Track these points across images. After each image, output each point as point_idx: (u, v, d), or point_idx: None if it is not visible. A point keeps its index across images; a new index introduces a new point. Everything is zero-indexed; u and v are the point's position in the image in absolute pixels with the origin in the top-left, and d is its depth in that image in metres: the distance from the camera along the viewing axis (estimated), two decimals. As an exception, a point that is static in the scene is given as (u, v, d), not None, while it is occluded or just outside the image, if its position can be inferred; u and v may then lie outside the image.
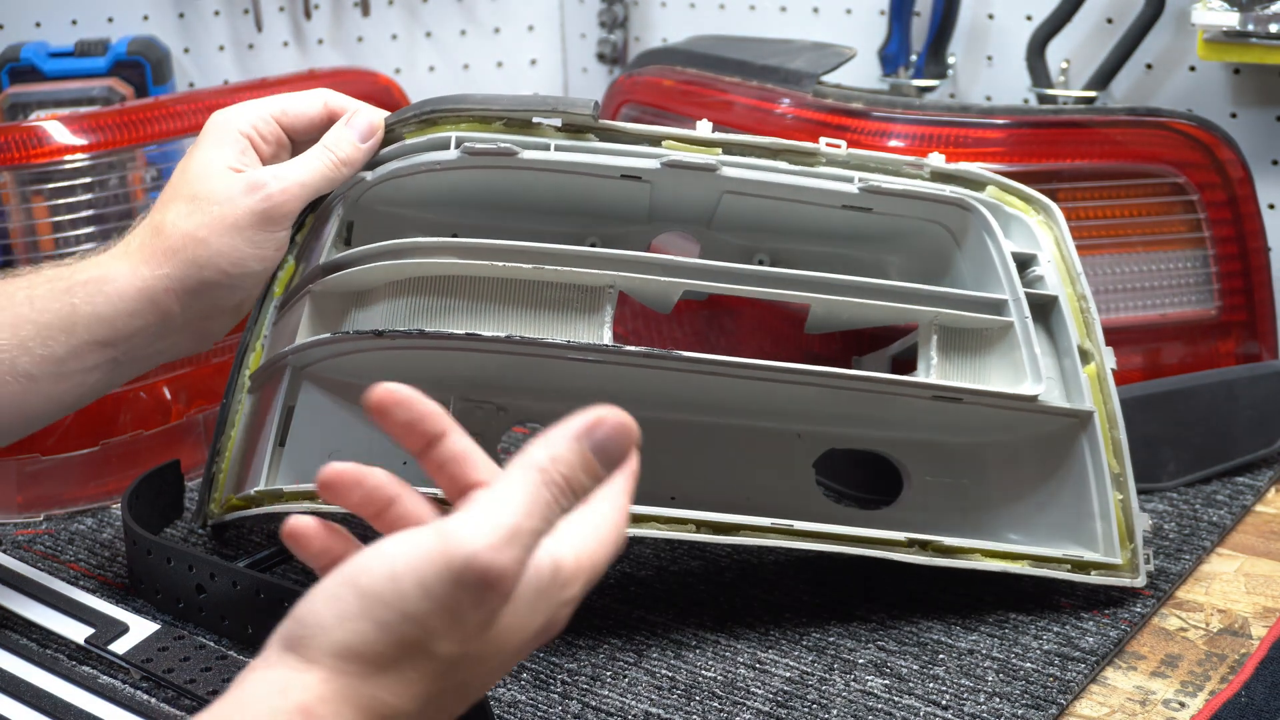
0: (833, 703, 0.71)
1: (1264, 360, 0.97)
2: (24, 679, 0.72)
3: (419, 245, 0.75)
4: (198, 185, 0.74)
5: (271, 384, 0.78)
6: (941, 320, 0.79)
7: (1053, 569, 0.78)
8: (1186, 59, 1.12)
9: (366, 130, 0.78)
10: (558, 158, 0.78)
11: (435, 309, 0.76)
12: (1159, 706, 0.71)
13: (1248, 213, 0.95)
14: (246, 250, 0.74)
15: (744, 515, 0.75)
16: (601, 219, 0.84)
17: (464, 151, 0.78)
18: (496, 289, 0.76)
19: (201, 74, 1.35)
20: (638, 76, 1.14)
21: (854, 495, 0.91)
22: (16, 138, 0.94)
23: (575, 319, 0.76)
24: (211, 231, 0.73)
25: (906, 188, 0.81)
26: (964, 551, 0.77)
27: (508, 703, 0.71)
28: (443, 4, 1.44)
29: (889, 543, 0.76)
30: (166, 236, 0.74)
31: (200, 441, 0.97)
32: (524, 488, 0.50)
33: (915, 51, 1.23)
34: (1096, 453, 0.78)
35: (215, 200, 0.73)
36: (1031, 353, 0.78)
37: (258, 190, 0.74)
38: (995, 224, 0.81)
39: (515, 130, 0.79)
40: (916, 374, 0.79)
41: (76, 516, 0.91)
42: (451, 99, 0.79)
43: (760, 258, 0.87)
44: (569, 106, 0.79)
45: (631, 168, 0.79)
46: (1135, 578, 0.78)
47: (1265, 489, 0.94)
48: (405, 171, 0.78)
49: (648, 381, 0.78)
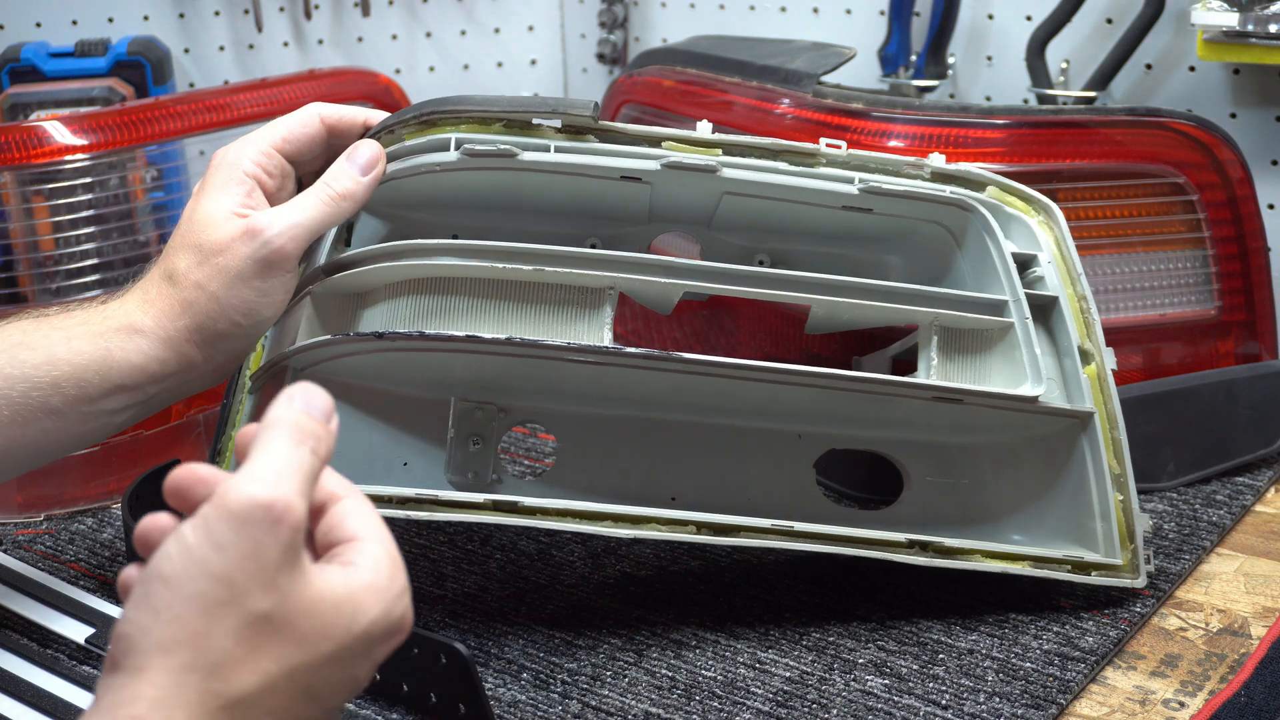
0: (833, 703, 0.71)
1: (1264, 360, 0.97)
2: (24, 679, 0.72)
3: (419, 247, 0.75)
4: (203, 234, 0.74)
5: (272, 384, 0.78)
6: (942, 321, 0.79)
7: (1053, 570, 0.78)
8: (1186, 59, 1.12)
9: (367, 163, 0.77)
10: (557, 159, 0.78)
11: (435, 310, 0.76)
12: (1159, 706, 0.71)
13: (1248, 213, 0.95)
14: (255, 300, 0.73)
15: (744, 516, 0.75)
16: (601, 220, 0.84)
17: (464, 153, 0.78)
18: (497, 290, 0.76)
19: (201, 74, 1.35)
20: (638, 77, 1.15)
21: (854, 495, 0.91)
22: (17, 138, 0.94)
23: (575, 320, 0.76)
24: (219, 285, 0.73)
25: (906, 188, 0.81)
26: (964, 552, 0.77)
27: (508, 702, 0.71)
28: (443, 4, 1.44)
29: (889, 543, 0.76)
30: (181, 287, 0.74)
31: (200, 441, 0.97)
32: (278, 439, 0.52)
33: (915, 52, 1.23)
34: (1097, 453, 0.78)
35: (218, 250, 0.73)
36: (1032, 353, 0.78)
37: (256, 237, 0.73)
38: (995, 224, 0.81)
39: (515, 131, 0.79)
40: (917, 375, 0.79)
41: (77, 516, 0.91)
42: (451, 100, 0.79)
43: (760, 258, 0.87)
44: (569, 107, 0.79)
45: (631, 169, 0.79)
46: (1136, 578, 0.78)
47: (1265, 489, 0.94)
48: (405, 173, 0.78)
49: (648, 383, 0.78)
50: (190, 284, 0.73)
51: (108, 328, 0.73)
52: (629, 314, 1.05)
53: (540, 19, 1.49)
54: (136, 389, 0.74)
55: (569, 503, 0.74)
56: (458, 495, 0.73)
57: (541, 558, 0.86)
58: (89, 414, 0.73)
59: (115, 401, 0.74)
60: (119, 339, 0.73)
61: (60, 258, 0.98)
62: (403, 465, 0.80)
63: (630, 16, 1.46)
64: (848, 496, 0.91)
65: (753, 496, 0.82)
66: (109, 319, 0.74)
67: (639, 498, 0.82)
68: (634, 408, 0.82)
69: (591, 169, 0.79)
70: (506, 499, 0.73)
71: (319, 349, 0.76)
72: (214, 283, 0.73)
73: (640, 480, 0.82)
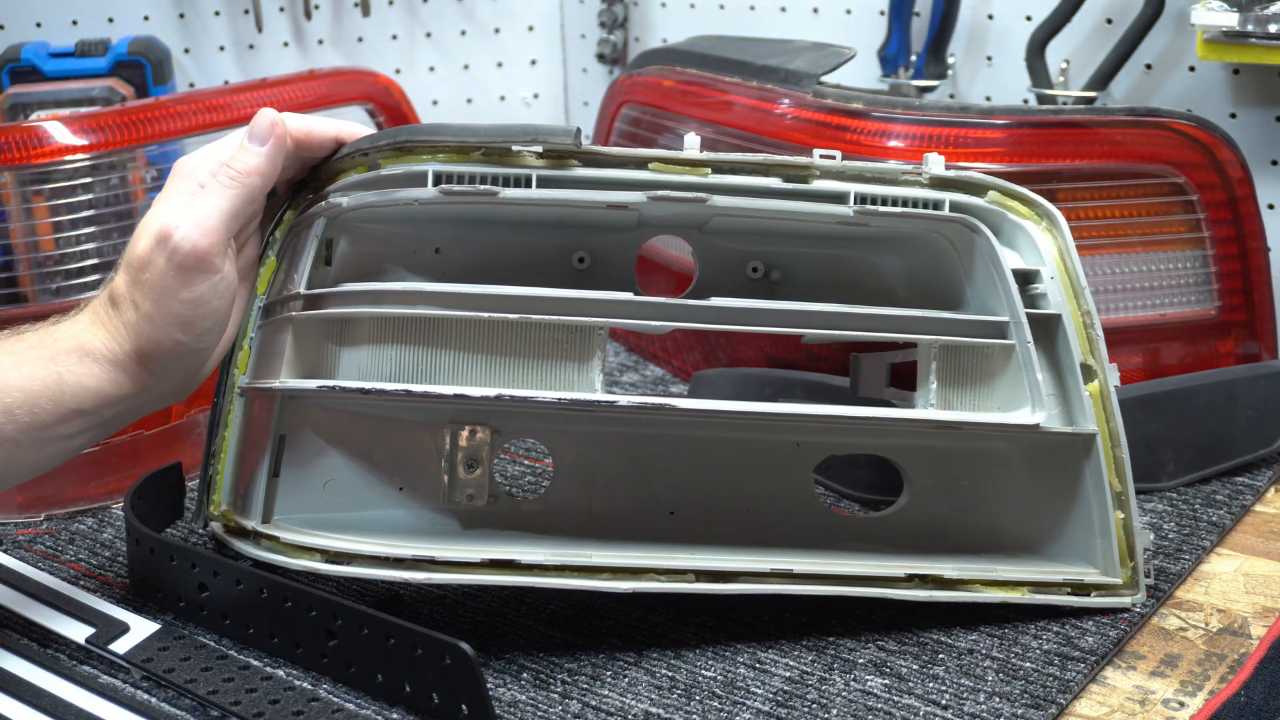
0: (833, 702, 0.71)
1: (1264, 360, 0.97)
2: (24, 679, 0.72)
3: (402, 294, 0.74)
4: (134, 249, 0.71)
5: (263, 403, 0.77)
6: (942, 344, 0.78)
7: (1052, 594, 0.78)
8: (1186, 59, 1.12)
9: (264, 132, 0.73)
10: (540, 195, 0.76)
11: (420, 361, 0.75)
12: (1158, 706, 0.71)
13: (1247, 213, 0.95)
14: (188, 313, 0.71)
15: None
16: (590, 230, 0.82)
17: (442, 192, 0.75)
18: (483, 331, 0.75)
19: (202, 74, 1.36)
20: (638, 76, 1.15)
21: (855, 496, 0.91)
22: (17, 138, 0.94)
23: (566, 363, 0.75)
24: (150, 303, 0.70)
25: (905, 210, 0.78)
26: (964, 584, 0.77)
27: (508, 702, 0.71)
28: (443, 4, 1.44)
29: (889, 580, 0.76)
30: (120, 309, 0.72)
31: (200, 441, 0.97)
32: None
33: (915, 52, 1.23)
34: (1098, 472, 0.78)
35: (143, 265, 0.70)
36: (1033, 378, 0.77)
37: (166, 244, 0.70)
38: (997, 246, 0.79)
39: (494, 160, 0.76)
40: (915, 403, 0.78)
41: (77, 516, 0.91)
42: (427, 129, 0.76)
43: (754, 264, 0.85)
44: (549, 135, 0.76)
45: (617, 201, 0.77)
46: (1135, 594, 0.78)
47: (1265, 489, 0.94)
48: (381, 204, 0.76)
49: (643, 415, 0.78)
50: (128, 304, 0.71)
51: (58, 350, 0.71)
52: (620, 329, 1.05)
53: (540, 19, 1.49)
54: (93, 412, 0.72)
55: (565, 556, 0.74)
56: (454, 554, 0.73)
57: (542, 558, 0.86)
58: (45, 440, 0.71)
59: (71, 426, 0.72)
60: (70, 363, 0.71)
61: (60, 258, 0.98)
62: (398, 490, 0.80)
63: (630, 16, 1.46)
64: (848, 496, 0.91)
65: (753, 506, 0.82)
66: (59, 342, 0.72)
67: (638, 513, 0.82)
68: (631, 425, 0.81)
69: (574, 203, 0.77)
70: (503, 558, 0.73)
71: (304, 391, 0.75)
72: (145, 301, 0.70)
73: (639, 495, 0.82)
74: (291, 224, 0.78)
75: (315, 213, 0.76)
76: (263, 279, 0.78)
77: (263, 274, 0.78)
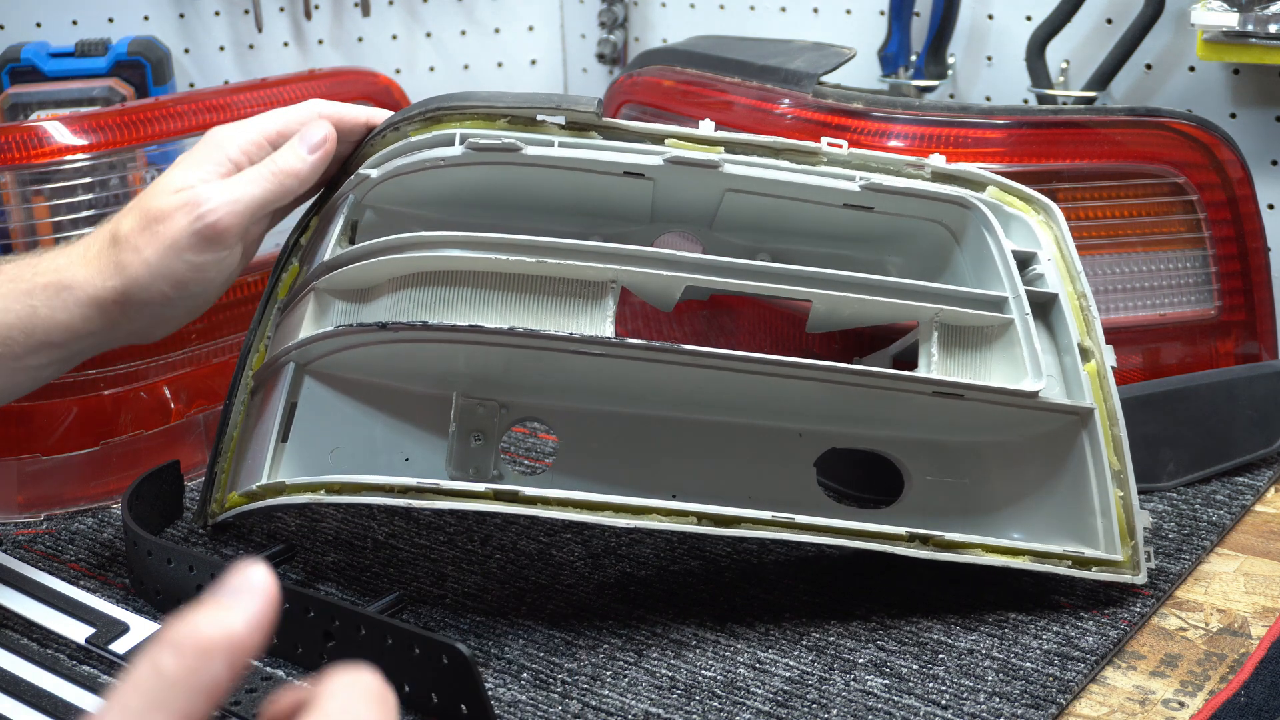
0: (833, 702, 0.71)
1: (1264, 360, 0.97)
2: (24, 679, 0.72)
3: (422, 239, 0.75)
4: (153, 200, 0.74)
5: (273, 380, 0.78)
6: (942, 317, 0.79)
7: (1054, 564, 0.78)
8: (1186, 59, 1.12)
9: (316, 142, 0.77)
10: (561, 154, 0.79)
11: (438, 301, 0.76)
12: (1158, 706, 0.71)
13: (1247, 213, 0.95)
14: (186, 274, 0.74)
15: None
16: (604, 218, 0.84)
17: (468, 147, 0.78)
18: (500, 282, 0.76)
19: (202, 74, 1.36)
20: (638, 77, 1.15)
21: (855, 495, 0.91)
22: (17, 138, 0.94)
23: (578, 312, 0.76)
24: (154, 252, 0.73)
25: (908, 186, 0.81)
26: (965, 547, 0.77)
27: (508, 702, 0.71)
28: (443, 4, 1.44)
29: (890, 537, 0.76)
30: (120, 248, 0.74)
31: (200, 441, 0.97)
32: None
33: (915, 52, 1.23)
34: (1097, 450, 0.78)
35: (160, 218, 0.74)
36: (1032, 349, 0.78)
37: (193, 210, 0.73)
38: (995, 222, 0.81)
39: (519, 127, 0.79)
40: (918, 370, 0.79)
41: (77, 516, 0.91)
42: (456, 96, 0.80)
43: (762, 257, 0.87)
44: (573, 104, 0.79)
45: (635, 164, 0.80)
46: (1136, 574, 0.78)
47: (1265, 489, 0.94)
48: (410, 168, 0.78)
49: (649, 377, 0.78)
50: (130, 247, 0.74)
51: (36, 284, 0.74)
52: (629, 313, 1.05)
53: (540, 19, 1.49)
54: (62, 345, 0.75)
55: (570, 493, 0.74)
56: (459, 485, 0.73)
57: (541, 558, 0.86)
58: (15, 369, 0.75)
59: (40, 358, 0.75)
60: (45, 296, 0.74)
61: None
62: (404, 460, 0.80)
63: (630, 16, 1.46)
64: (849, 496, 0.91)
65: (753, 494, 0.82)
66: (39, 274, 0.74)
67: (639, 490, 0.82)
68: (635, 405, 0.82)
69: (595, 164, 0.79)
70: (507, 488, 0.73)
71: (323, 341, 0.76)
72: (149, 249, 0.73)
73: (640, 478, 0.82)
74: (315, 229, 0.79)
75: (345, 190, 0.78)
76: (284, 284, 0.79)
77: (284, 279, 0.79)
